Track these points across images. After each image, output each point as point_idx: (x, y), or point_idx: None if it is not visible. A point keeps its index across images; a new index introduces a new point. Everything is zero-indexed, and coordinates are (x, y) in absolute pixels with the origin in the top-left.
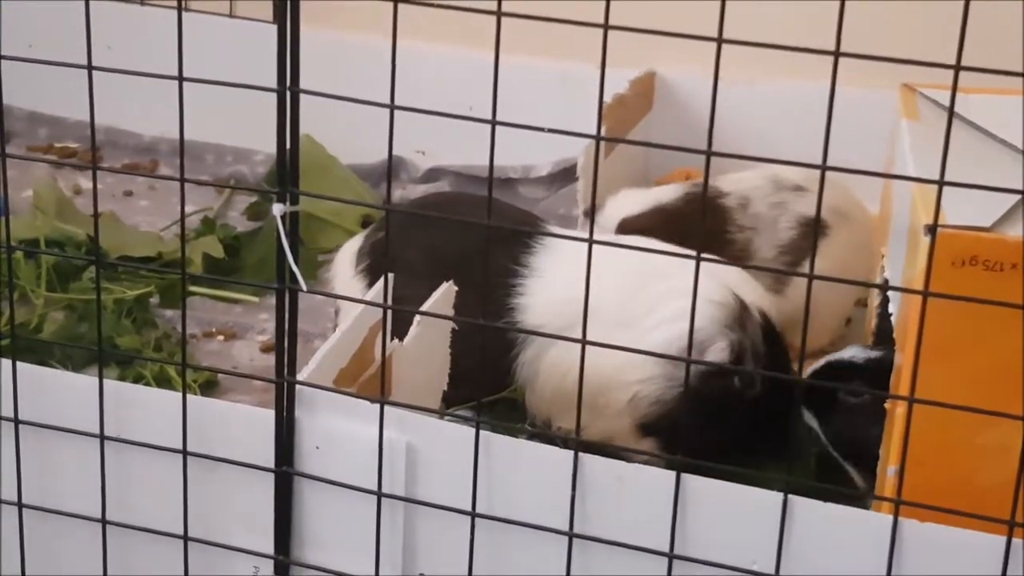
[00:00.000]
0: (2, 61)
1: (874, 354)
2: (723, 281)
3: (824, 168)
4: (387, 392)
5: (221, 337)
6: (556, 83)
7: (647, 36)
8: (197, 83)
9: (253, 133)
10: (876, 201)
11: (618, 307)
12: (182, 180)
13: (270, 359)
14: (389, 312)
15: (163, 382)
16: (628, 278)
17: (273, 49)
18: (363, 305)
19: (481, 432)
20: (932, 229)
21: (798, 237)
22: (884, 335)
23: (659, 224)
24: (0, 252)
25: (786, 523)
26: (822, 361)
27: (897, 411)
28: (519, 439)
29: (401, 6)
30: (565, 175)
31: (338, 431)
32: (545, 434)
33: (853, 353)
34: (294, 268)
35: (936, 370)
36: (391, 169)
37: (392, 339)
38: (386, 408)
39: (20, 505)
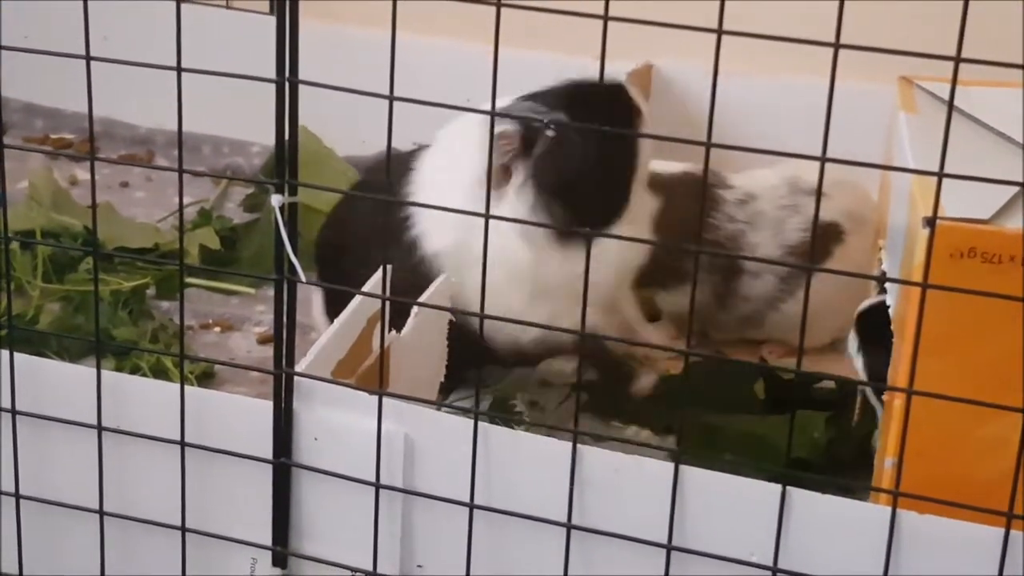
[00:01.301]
0: None
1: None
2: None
3: (823, 160)
4: (385, 384)
5: (218, 329)
6: (553, 75)
7: (644, 28)
8: (194, 74)
9: (250, 125)
10: (873, 194)
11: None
12: (180, 171)
13: (267, 351)
14: (388, 303)
15: (159, 373)
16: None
17: (270, 40)
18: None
19: (479, 423)
20: (931, 221)
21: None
22: None
23: None
24: None
25: (784, 515)
26: (867, 303)
27: (895, 403)
28: (517, 431)
29: None
30: None
31: (336, 422)
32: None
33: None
34: (293, 259)
35: (934, 362)
36: (390, 160)
37: (389, 330)
38: (384, 399)
39: (17, 496)
